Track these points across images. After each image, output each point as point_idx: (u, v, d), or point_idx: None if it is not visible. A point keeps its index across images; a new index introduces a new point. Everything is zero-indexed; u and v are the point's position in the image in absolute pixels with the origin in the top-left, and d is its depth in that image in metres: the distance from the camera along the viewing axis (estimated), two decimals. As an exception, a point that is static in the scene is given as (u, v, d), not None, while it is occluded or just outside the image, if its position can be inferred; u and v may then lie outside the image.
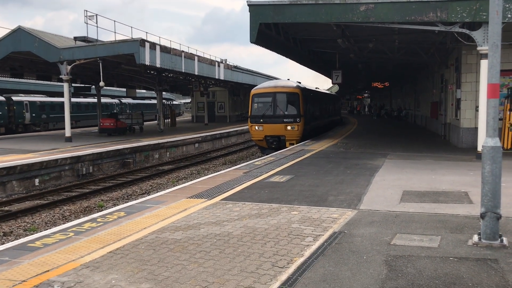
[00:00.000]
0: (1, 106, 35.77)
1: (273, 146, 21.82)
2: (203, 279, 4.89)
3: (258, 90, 22.86)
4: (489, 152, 5.94)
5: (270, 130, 21.80)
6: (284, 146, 21.27)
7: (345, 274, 4.99)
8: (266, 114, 21.92)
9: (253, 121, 22.32)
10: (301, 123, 21.72)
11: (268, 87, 22.76)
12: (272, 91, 22.14)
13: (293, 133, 21.62)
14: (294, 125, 21.54)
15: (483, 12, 12.98)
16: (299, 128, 21.63)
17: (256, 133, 22.35)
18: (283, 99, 21.99)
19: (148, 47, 22.85)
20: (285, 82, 23.29)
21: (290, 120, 21.59)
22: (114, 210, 8.29)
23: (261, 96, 22.43)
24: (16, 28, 23.44)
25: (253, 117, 22.41)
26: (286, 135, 21.71)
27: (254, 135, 22.58)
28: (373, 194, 9.27)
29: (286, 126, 21.58)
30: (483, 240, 5.95)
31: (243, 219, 7.40)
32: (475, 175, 11.09)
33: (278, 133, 21.79)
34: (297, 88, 22.27)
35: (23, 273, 5.13)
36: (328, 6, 14.36)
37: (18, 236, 11.20)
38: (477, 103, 16.40)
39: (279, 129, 21.68)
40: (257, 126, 22.06)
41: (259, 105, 22.40)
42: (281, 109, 21.87)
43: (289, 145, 21.20)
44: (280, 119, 21.73)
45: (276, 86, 22.60)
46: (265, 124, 21.87)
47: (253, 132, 22.54)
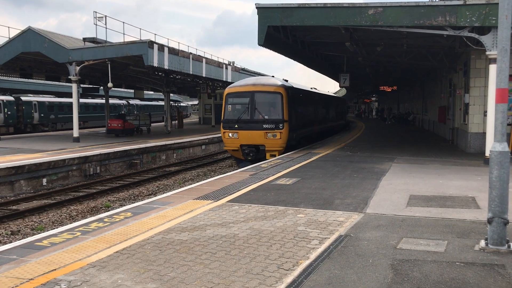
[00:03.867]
0: (10, 106, 36.05)
1: (249, 157, 18.29)
2: (208, 280, 4.91)
3: (233, 88, 19.16)
4: (497, 157, 5.91)
5: (247, 138, 18.26)
6: (263, 157, 17.88)
7: (351, 278, 4.99)
8: (242, 119, 18.34)
9: (227, 127, 18.70)
10: (285, 130, 18.05)
11: (245, 85, 19.04)
12: (250, 90, 18.54)
13: (275, 142, 18.07)
14: (276, 132, 17.94)
15: (492, 17, 12.93)
16: (282, 136, 18.00)
17: (230, 141, 18.71)
18: (263, 100, 18.42)
19: (157, 48, 22.96)
20: (267, 80, 19.58)
21: (271, 126, 17.98)
22: (121, 211, 8.33)
23: (236, 96, 18.89)
24: (26, 29, 23.64)
25: (226, 122, 18.76)
26: (266, 144, 18.12)
27: (228, 144, 18.89)
28: (379, 198, 9.24)
29: (266, 134, 17.99)
30: (490, 245, 5.92)
31: (249, 221, 7.41)
32: (482, 180, 11.03)
33: (256, 142, 18.21)
34: (280, 87, 18.51)
35: (30, 272, 5.17)
36: (336, 9, 14.36)
37: (26, 235, 11.28)
38: (485, 108, 16.32)
39: (257, 137, 18.11)
40: (231, 133, 18.48)
41: (234, 107, 18.85)
42: (260, 113, 18.16)
43: (270, 156, 17.87)
44: (259, 125, 18.08)
45: (255, 84, 18.90)
46: (241, 131, 18.29)
47: (226, 140, 18.83)
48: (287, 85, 19.21)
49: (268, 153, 18.10)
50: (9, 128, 36.00)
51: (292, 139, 18.91)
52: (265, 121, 18.05)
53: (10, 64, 26.75)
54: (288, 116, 18.21)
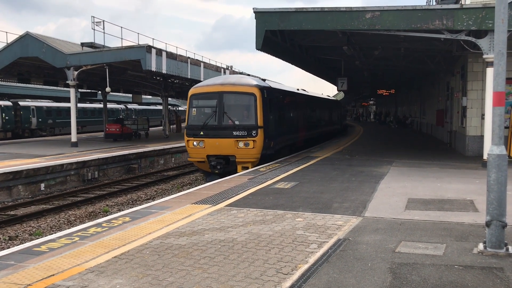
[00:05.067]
0: (8, 111, 36.01)
1: (216, 171, 15.66)
2: (207, 285, 4.90)
3: (199, 89, 16.54)
4: (495, 160, 5.93)
5: (214, 147, 15.64)
6: (234, 170, 15.43)
7: (350, 281, 4.98)
8: (208, 125, 15.70)
9: (190, 134, 16.06)
10: (260, 137, 15.44)
11: (212, 84, 16.45)
12: (218, 91, 15.94)
13: (247, 152, 15.42)
14: (249, 140, 15.33)
15: (489, 20, 12.98)
16: (255, 145, 15.39)
17: (194, 151, 16.05)
18: (233, 102, 15.96)
19: (155, 53, 22.99)
20: (238, 78, 17.00)
21: (243, 133, 15.40)
22: (119, 215, 8.32)
23: (202, 98, 16.35)
24: (24, 34, 23.65)
25: (190, 129, 16.15)
26: (237, 154, 15.52)
27: (193, 154, 16.19)
28: (378, 201, 9.25)
29: (237, 142, 15.40)
30: (489, 248, 5.92)
31: (248, 225, 7.40)
32: (480, 183, 11.05)
33: (225, 152, 15.59)
34: (254, 87, 15.87)
35: (28, 277, 5.15)
36: (334, 14, 14.40)
37: (24, 240, 11.26)
38: (483, 111, 16.37)
39: (226, 147, 15.51)
40: (196, 142, 15.87)
41: (200, 111, 16.33)
42: (230, 117, 15.61)
43: (242, 169, 15.34)
44: (229, 132, 15.50)
45: (224, 83, 16.27)
46: (207, 139, 15.68)
47: (190, 150, 16.17)
48: (263, 85, 16.73)
49: (240, 165, 15.57)
50: (7, 133, 35.96)
51: (269, 148, 16.32)
52: (236, 128, 15.48)
53: (8, 69, 26.72)
54: (263, 122, 15.67)
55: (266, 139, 15.82)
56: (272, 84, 18.66)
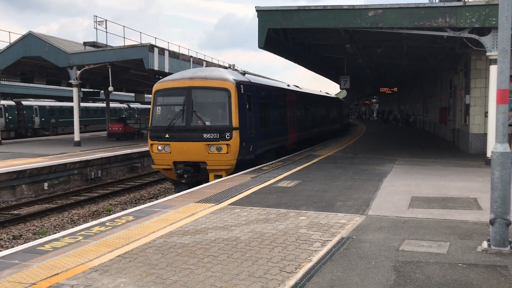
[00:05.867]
0: (11, 111, 36.11)
1: (183, 180, 13.54)
2: (211, 284, 4.90)
3: (164, 83, 14.38)
4: (499, 158, 5.91)
5: (182, 152, 13.54)
6: (205, 179, 13.36)
7: (353, 280, 4.98)
8: (175, 126, 13.63)
9: (154, 137, 13.93)
10: (235, 140, 13.34)
11: (180, 79, 14.22)
12: (185, 86, 13.77)
13: (220, 158, 13.36)
14: (222, 144, 13.27)
15: (493, 18, 12.93)
16: (230, 150, 13.30)
17: (159, 157, 13.93)
18: (203, 99, 13.84)
19: (157, 52, 23.00)
20: (210, 72, 14.65)
21: (215, 136, 13.29)
22: (122, 214, 8.33)
23: (167, 94, 14.22)
24: (27, 34, 23.70)
25: (154, 131, 14.01)
26: (208, 161, 13.40)
27: (158, 160, 14.07)
28: (381, 199, 9.23)
29: (208, 147, 13.34)
30: (493, 246, 5.91)
31: (251, 224, 7.40)
32: (484, 181, 11.02)
33: (194, 158, 13.50)
34: (228, 82, 13.69)
35: (32, 276, 5.17)
36: (336, 12, 14.37)
37: (28, 240, 11.29)
38: (486, 109, 16.33)
39: (196, 152, 13.39)
40: (161, 146, 13.77)
41: (165, 110, 14.25)
42: (199, 117, 13.49)
43: (215, 178, 13.25)
44: (198, 135, 13.39)
45: (193, 77, 14.01)
46: (174, 143, 13.59)
47: (155, 155, 14.04)
48: (240, 79, 14.47)
49: (212, 173, 13.48)
50: (10, 133, 36.05)
51: (247, 152, 14.18)
52: (207, 129, 13.37)
53: (11, 69, 26.79)
54: (239, 122, 13.56)
55: (243, 142, 13.74)
56: (254, 78, 16.60)
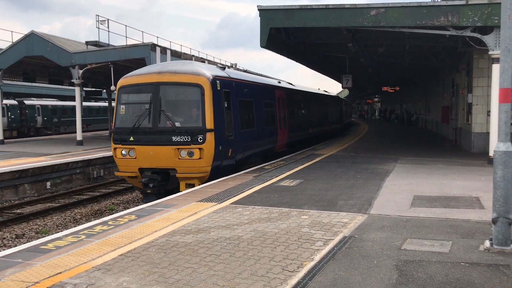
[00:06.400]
0: (13, 110, 36.18)
1: (148, 190, 11.98)
2: (213, 283, 4.91)
3: (129, 79, 12.80)
4: (501, 157, 5.91)
5: (148, 158, 12.01)
6: (177, 189, 11.89)
7: (356, 279, 4.98)
8: (140, 127, 12.13)
9: (118, 140, 12.46)
10: (209, 144, 11.76)
11: (147, 73, 12.60)
12: (153, 82, 12.24)
13: (192, 164, 11.78)
14: (194, 148, 11.70)
15: (495, 17, 12.91)
16: (203, 155, 11.73)
17: (124, 163, 12.50)
18: (173, 97, 12.39)
19: (159, 51, 23.00)
20: (182, 65, 12.91)
21: (185, 138, 11.72)
22: (125, 213, 8.35)
23: (133, 91, 12.70)
24: (29, 33, 23.74)
25: (118, 132, 12.54)
26: (178, 168, 11.86)
27: (122, 167, 12.64)
28: (383, 198, 9.24)
29: (179, 151, 11.79)
30: (495, 245, 5.90)
31: (253, 223, 7.41)
32: (486, 180, 11.01)
33: (163, 164, 11.98)
34: (201, 77, 12.07)
35: (36, 275, 5.19)
36: (338, 11, 14.37)
37: (30, 239, 11.32)
38: (488, 108, 16.29)
39: (164, 157, 11.87)
40: (125, 150, 12.29)
41: (130, 109, 12.68)
42: (168, 118, 11.99)
43: (187, 187, 11.81)
44: (167, 137, 11.88)
45: (162, 72, 12.41)
46: (139, 146, 12.09)
47: (119, 161, 12.64)
48: (217, 74, 12.69)
49: (183, 181, 11.94)
50: (12, 132, 36.13)
51: (225, 157, 12.61)
52: (176, 131, 11.79)
53: (14, 68, 26.85)
54: (215, 123, 12.00)
55: (220, 146, 12.18)
56: (235, 74, 14.85)
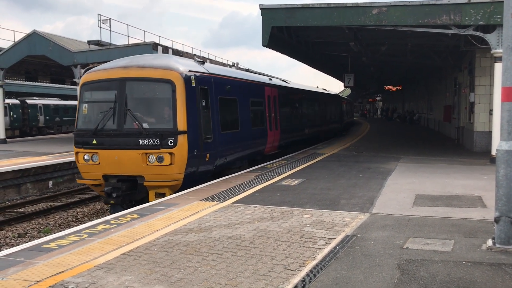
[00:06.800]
0: (16, 109, 36.24)
1: (111, 200, 10.71)
2: (215, 281, 4.92)
3: (93, 74, 11.45)
4: (503, 156, 5.89)
5: (113, 164, 10.73)
6: (146, 199, 10.67)
7: (358, 278, 4.98)
8: (104, 129, 10.83)
9: (80, 143, 11.16)
10: (181, 148, 10.49)
11: (112, 68, 11.27)
12: (118, 77, 10.92)
13: (162, 171, 10.50)
14: (164, 153, 10.42)
15: (497, 15, 12.87)
16: (175, 160, 10.45)
17: (86, 169, 11.15)
18: (141, 94, 11.03)
19: (161, 50, 23.00)
20: (151, 59, 11.48)
21: (154, 142, 10.43)
22: (127, 212, 8.36)
23: (97, 88, 11.36)
24: (31, 32, 23.78)
25: (80, 135, 11.23)
26: (146, 175, 10.59)
27: (85, 172, 11.30)
28: (385, 197, 9.22)
29: (147, 156, 10.51)
30: (498, 244, 5.89)
31: (255, 222, 7.41)
32: (489, 179, 10.98)
33: (129, 171, 10.70)
34: (173, 72, 10.74)
35: (38, 274, 5.20)
36: (340, 10, 14.35)
37: (33, 238, 11.33)
38: (491, 107, 16.24)
39: (130, 162, 10.58)
40: (88, 155, 10.99)
41: (94, 108, 11.41)
42: (135, 118, 10.65)
43: (157, 196, 10.52)
44: (133, 140, 10.56)
45: (129, 66, 11.07)
46: (103, 151, 10.80)
47: (82, 167, 11.25)
48: (191, 69, 11.31)
49: (152, 190, 10.66)
50: (15, 131, 36.20)
51: (201, 163, 11.27)
52: (143, 134, 10.46)
53: (16, 68, 26.90)
54: (188, 124, 10.67)
55: (195, 150, 10.86)
56: (214, 69, 13.10)
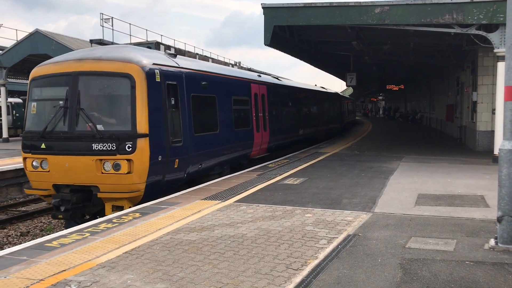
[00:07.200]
0: (18, 108, 36.31)
1: (59, 215, 9.49)
2: (217, 280, 4.92)
3: (43, 68, 10.03)
4: (506, 155, 5.87)
5: (64, 171, 9.28)
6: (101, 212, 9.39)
7: (360, 277, 4.98)
8: (54, 131, 9.45)
9: (27, 147, 9.87)
10: (141, 154, 9.10)
11: (64, 61, 9.82)
12: (71, 72, 9.45)
13: (120, 180, 9.09)
14: (121, 159, 9.01)
15: (500, 14, 12.85)
16: (134, 168, 9.05)
17: (36, 177, 9.78)
18: (96, 91, 9.59)
19: (163, 49, 23.01)
20: (109, 51, 9.92)
21: (110, 146, 9.02)
22: (129, 211, 8.37)
23: (46, 84, 9.93)
24: (34, 31, 23.81)
25: (28, 138, 9.92)
26: (101, 185, 9.14)
27: (34, 181, 9.90)
28: (387, 197, 9.21)
29: (102, 163, 9.10)
30: (500, 244, 5.88)
31: (257, 221, 7.41)
32: (491, 178, 10.96)
33: (81, 180, 9.25)
34: (132, 65, 9.28)
35: (40, 272, 5.21)
36: (342, 9, 14.34)
37: (35, 236, 11.36)
38: (493, 106, 16.24)
39: (83, 170, 9.15)
40: (36, 161, 9.68)
41: (43, 107, 10.04)
42: (89, 118, 9.20)
43: (114, 210, 9.15)
44: (86, 144, 9.15)
45: (84, 59, 9.60)
46: (52, 156, 9.40)
47: (30, 175, 9.91)
48: (156, 62, 9.85)
49: (109, 202, 9.27)
50: (17, 130, 36.24)
51: (168, 170, 9.91)
52: (97, 137, 9.04)
53: (18, 67, 26.94)
54: (151, 125, 9.26)
55: (159, 156, 9.48)
56: (187, 63, 11.46)
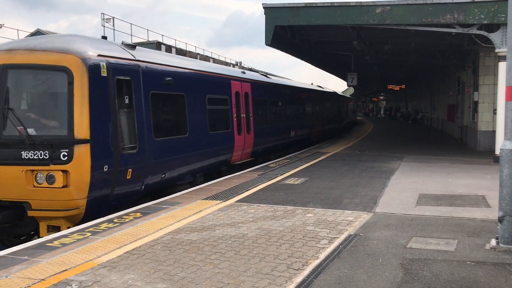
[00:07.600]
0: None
1: None
2: (218, 280, 4.92)
3: None
4: (507, 155, 5.87)
5: None
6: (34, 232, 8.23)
7: (361, 277, 4.98)
8: None
9: None
10: (80, 163, 7.66)
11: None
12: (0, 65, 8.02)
13: (55, 195, 7.64)
14: (55, 170, 7.56)
15: (502, 14, 12.83)
16: (71, 181, 7.61)
17: None
18: (27, 87, 8.41)
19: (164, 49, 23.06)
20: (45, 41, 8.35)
21: (43, 154, 7.60)
22: (130, 211, 8.37)
23: None
24: (35, 31, 23.89)
25: None
26: (32, 201, 7.69)
27: None
28: (388, 197, 9.21)
29: (33, 175, 7.66)
30: (501, 244, 5.87)
31: (258, 221, 7.41)
32: (492, 178, 10.95)
33: (10, 195, 7.78)
34: (70, 56, 7.79)
35: (42, 272, 5.21)
36: (343, 8, 14.33)
37: (36, 236, 11.37)
38: (495, 106, 16.21)
39: (10, 183, 7.70)
40: None
41: None
42: (18, 120, 7.76)
43: (50, 231, 7.78)
44: (13, 152, 7.74)
45: (15, 49, 8.16)
46: None
47: None
48: (104, 53, 8.39)
49: (43, 222, 7.89)
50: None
51: (117, 182, 8.47)
52: (28, 143, 7.67)
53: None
54: (92, 129, 7.87)
55: (105, 166, 8.08)
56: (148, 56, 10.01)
